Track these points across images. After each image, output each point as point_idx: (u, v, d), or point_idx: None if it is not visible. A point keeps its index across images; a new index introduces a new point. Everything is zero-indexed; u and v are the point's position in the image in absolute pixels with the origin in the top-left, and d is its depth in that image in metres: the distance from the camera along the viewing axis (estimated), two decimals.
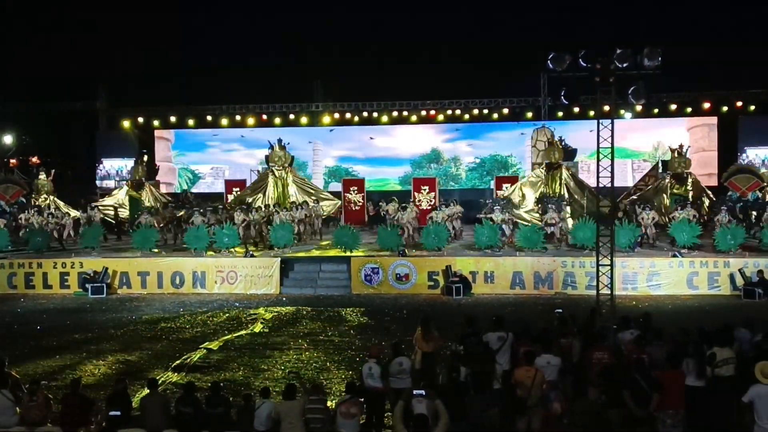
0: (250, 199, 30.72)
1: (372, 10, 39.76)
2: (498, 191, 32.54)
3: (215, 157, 41.56)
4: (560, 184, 28.79)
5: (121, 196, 32.62)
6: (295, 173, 32.82)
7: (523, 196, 29.07)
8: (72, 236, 28.67)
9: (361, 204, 33.35)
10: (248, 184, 35.13)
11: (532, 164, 36.25)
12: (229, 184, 35.70)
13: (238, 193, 33.58)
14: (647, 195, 29.67)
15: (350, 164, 40.82)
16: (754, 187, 29.57)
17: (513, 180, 33.59)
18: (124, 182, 34.97)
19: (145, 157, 35.26)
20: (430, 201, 31.91)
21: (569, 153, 32.89)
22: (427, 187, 32.48)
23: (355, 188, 33.71)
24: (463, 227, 28.96)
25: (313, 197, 30.96)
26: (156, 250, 26.05)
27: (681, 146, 30.13)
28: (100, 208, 30.73)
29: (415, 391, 9.41)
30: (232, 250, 25.35)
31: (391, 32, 39.63)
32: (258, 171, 37.38)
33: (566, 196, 28.13)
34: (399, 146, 40.50)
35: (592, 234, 23.36)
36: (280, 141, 31.92)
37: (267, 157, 32.39)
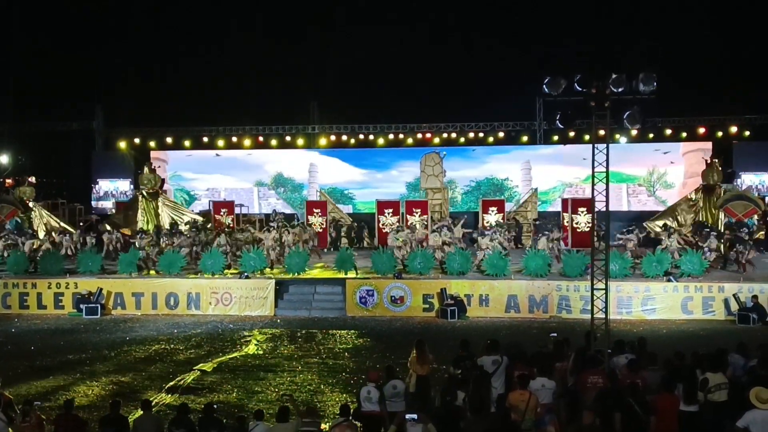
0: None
1: (369, 33, 39.95)
2: (484, 215, 32.49)
3: (212, 179, 41.58)
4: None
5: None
6: (165, 196, 33.57)
7: (677, 219, 29.15)
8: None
9: (324, 227, 32.12)
10: (236, 205, 35.29)
11: (422, 189, 36.28)
12: (217, 206, 35.03)
13: (112, 215, 34.65)
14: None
15: (347, 188, 40.91)
16: (751, 214, 29.69)
17: (500, 204, 33.49)
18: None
19: (32, 178, 32.79)
20: (423, 224, 31.73)
21: (728, 175, 32.83)
22: (419, 210, 32.38)
23: (318, 210, 32.66)
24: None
25: (183, 219, 31.86)
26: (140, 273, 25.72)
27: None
28: None
29: (407, 415, 9.41)
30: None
31: (386, 55, 39.79)
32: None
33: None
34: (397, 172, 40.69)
35: (581, 264, 23.53)
36: (150, 164, 32.59)
37: (137, 180, 33.00)
